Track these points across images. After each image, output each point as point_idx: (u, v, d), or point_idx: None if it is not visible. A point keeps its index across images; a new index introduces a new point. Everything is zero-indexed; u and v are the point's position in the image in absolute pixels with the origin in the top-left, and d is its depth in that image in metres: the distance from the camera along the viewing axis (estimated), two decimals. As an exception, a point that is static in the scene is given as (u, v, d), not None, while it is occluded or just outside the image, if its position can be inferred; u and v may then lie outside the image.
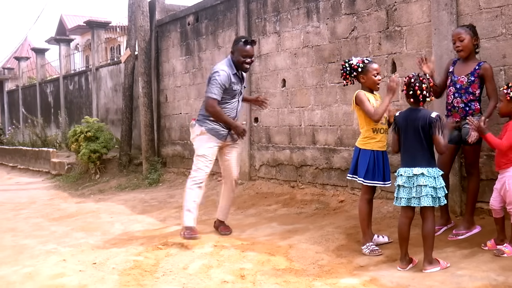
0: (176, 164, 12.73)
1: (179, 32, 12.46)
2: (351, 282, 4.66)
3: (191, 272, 5.19)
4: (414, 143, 4.85)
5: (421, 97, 4.81)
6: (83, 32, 34.64)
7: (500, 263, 4.75)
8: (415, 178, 4.79)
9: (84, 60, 28.99)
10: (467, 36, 5.55)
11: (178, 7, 13.51)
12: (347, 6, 7.82)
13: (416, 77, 4.86)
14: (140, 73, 13.11)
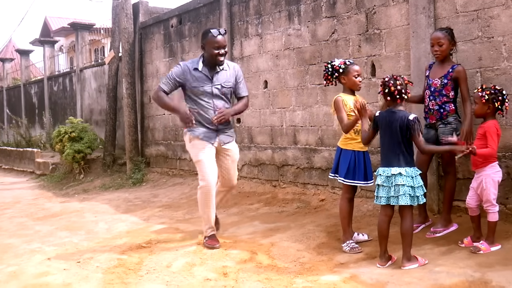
0: (159, 164, 12.69)
1: (162, 34, 12.42)
2: (332, 279, 4.66)
3: (175, 270, 5.17)
4: (392, 144, 4.88)
5: (396, 93, 4.83)
6: (68, 34, 34.40)
7: (477, 260, 4.79)
8: (393, 177, 4.81)
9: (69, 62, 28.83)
10: (446, 41, 5.59)
11: (162, 9, 13.46)
12: (328, 9, 7.84)
13: (390, 76, 4.90)
14: (124, 75, 13.06)
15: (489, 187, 5.03)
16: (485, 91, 5.05)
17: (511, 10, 5.60)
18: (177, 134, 11.91)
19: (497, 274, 4.39)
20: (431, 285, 4.33)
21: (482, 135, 5.07)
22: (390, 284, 4.46)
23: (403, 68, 6.72)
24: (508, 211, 5.68)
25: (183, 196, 9.81)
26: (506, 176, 5.64)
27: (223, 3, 10.02)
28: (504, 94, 5.05)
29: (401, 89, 4.83)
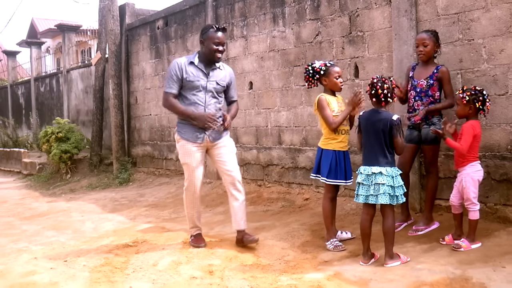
0: (146, 164, 12.65)
1: (148, 36, 12.38)
2: (316, 277, 4.66)
3: (161, 268, 5.15)
4: (375, 143, 4.89)
5: (382, 96, 4.84)
6: (54, 35, 34.15)
7: (458, 257, 4.81)
8: (373, 176, 4.83)
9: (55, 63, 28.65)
10: (430, 42, 5.63)
11: (148, 11, 13.43)
12: (312, 11, 7.86)
13: (379, 78, 4.90)
14: (110, 76, 13.01)
15: (469, 185, 5.06)
16: (466, 93, 5.08)
17: (491, 13, 5.64)
18: (163, 135, 11.89)
19: (478, 271, 4.42)
20: (413, 282, 4.34)
21: (461, 134, 5.11)
22: (373, 281, 4.47)
23: (386, 70, 6.75)
24: (488, 209, 5.72)
25: (169, 195, 9.79)
26: (487, 176, 5.67)
27: (208, 6, 10.01)
28: (484, 94, 5.08)
29: (388, 93, 4.84)
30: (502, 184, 5.64)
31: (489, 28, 5.68)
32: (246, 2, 9.16)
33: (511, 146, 5.55)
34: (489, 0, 5.65)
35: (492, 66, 5.67)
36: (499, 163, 5.64)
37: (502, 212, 5.64)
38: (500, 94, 5.60)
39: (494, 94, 5.61)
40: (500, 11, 5.57)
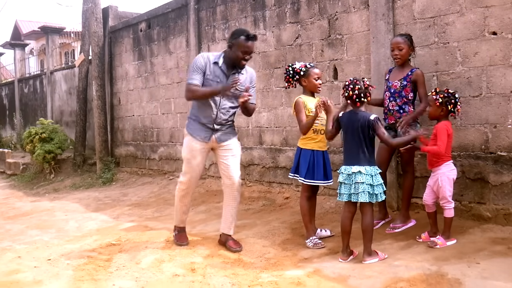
0: (129, 164, 12.59)
1: (131, 38, 12.33)
2: (296, 274, 4.67)
3: (144, 266, 5.12)
4: (354, 143, 4.90)
5: (355, 97, 4.87)
6: (38, 37, 33.80)
7: (434, 254, 4.84)
8: (353, 175, 4.84)
9: (39, 64, 28.34)
10: (405, 46, 5.65)
11: (131, 14, 13.39)
12: (292, 15, 7.87)
13: (351, 80, 4.93)
14: (94, 77, 12.94)
15: (445, 184, 5.09)
16: (439, 94, 5.11)
17: (465, 17, 5.68)
18: (146, 135, 11.85)
19: (453, 267, 4.45)
20: (390, 278, 4.36)
21: (435, 135, 5.14)
22: (351, 277, 4.48)
23: (364, 72, 6.77)
24: (463, 207, 5.76)
25: (152, 195, 9.76)
26: (461, 175, 5.72)
27: (191, 9, 9.99)
28: (456, 97, 5.12)
29: (360, 93, 4.85)
30: (476, 183, 5.69)
31: (464, 32, 5.72)
32: (228, 6, 9.16)
33: (485, 146, 5.60)
34: (463, 5, 5.70)
35: (466, 68, 5.72)
36: (473, 162, 5.69)
37: (476, 210, 5.69)
38: (474, 95, 5.65)
39: (469, 95, 5.66)
40: (474, 15, 5.62)
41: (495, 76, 5.48)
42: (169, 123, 11.05)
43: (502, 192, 5.47)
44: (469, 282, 4.11)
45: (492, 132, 5.54)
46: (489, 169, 5.56)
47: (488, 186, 5.58)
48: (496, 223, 5.47)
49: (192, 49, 9.98)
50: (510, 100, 5.37)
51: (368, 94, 4.93)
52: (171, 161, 11.03)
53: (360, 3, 6.83)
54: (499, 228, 5.34)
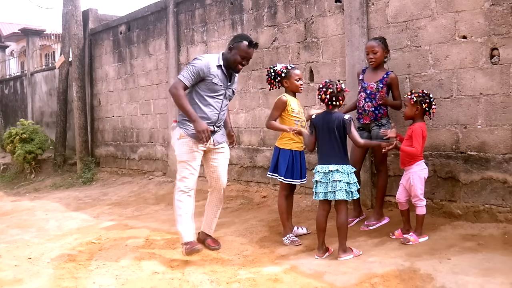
0: (109, 164, 12.51)
1: (111, 40, 12.24)
2: (273, 270, 4.67)
3: (124, 264, 5.09)
4: (329, 143, 4.92)
5: (327, 100, 4.90)
6: (19, 39, 33.43)
7: (406, 250, 4.88)
8: (330, 174, 4.85)
9: (19, 66, 28.03)
10: (379, 49, 5.69)
11: (111, 17, 13.30)
12: (269, 18, 7.87)
13: (325, 83, 4.96)
14: (74, 78, 12.83)
15: (416, 183, 5.14)
16: (414, 94, 5.16)
17: (436, 22, 5.74)
18: (126, 135, 11.78)
19: (425, 263, 4.48)
20: (365, 274, 4.38)
21: (409, 136, 5.18)
22: (327, 274, 4.49)
23: (339, 74, 6.80)
24: (435, 205, 5.82)
25: (132, 194, 9.69)
26: (433, 173, 5.77)
27: (170, 12, 9.96)
28: (431, 98, 5.17)
29: (332, 97, 4.88)
30: (447, 182, 5.74)
31: (435, 36, 5.77)
32: (206, 9, 9.14)
33: (455, 146, 5.66)
34: (435, 9, 5.75)
35: (438, 71, 5.77)
36: (444, 161, 5.74)
37: (447, 207, 5.74)
38: (445, 97, 5.70)
39: (440, 97, 5.71)
40: (445, 20, 5.67)
41: (465, 79, 5.54)
42: (148, 123, 10.99)
43: (472, 190, 5.53)
44: (440, 277, 4.14)
45: (462, 132, 5.59)
46: (460, 168, 5.62)
47: (458, 185, 5.64)
48: (466, 220, 5.53)
49: (171, 51, 9.95)
50: (479, 101, 5.43)
51: (340, 98, 4.94)
52: (151, 161, 10.98)
53: (335, 7, 6.86)
54: (469, 225, 5.40)
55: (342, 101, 4.97)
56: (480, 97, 5.42)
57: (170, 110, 9.95)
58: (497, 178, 5.34)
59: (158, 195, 9.22)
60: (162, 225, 6.83)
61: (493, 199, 5.37)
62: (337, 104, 4.93)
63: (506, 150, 5.26)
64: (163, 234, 6.24)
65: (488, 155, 5.40)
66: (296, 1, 7.42)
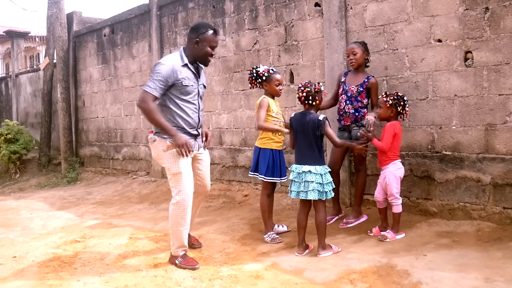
0: (93, 164, 12.42)
1: (95, 43, 12.16)
2: (255, 267, 4.66)
3: (108, 262, 5.04)
4: (304, 143, 4.92)
5: (303, 99, 4.91)
6: (3, 41, 32.97)
7: (384, 247, 4.90)
8: (303, 174, 4.85)
9: (4, 67, 27.67)
10: (359, 50, 5.70)
11: (95, 19, 13.21)
12: (250, 22, 7.87)
13: (305, 83, 4.96)
14: (58, 80, 12.73)
15: (392, 182, 5.16)
16: (389, 97, 5.19)
17: (413, 26, 5.77)
18: (110, 136, 11.70)
19: (402, 259, 4.50)
20: (343, 270, 4.38)
21: (383, 134, 5.22)
22: (307, 270, 4.49)
23: (319, 76, 6.82)
24: (411, 203, 5.85)
25: (116, 193, 9.63)
26: (409, 173, 5.81)
27: (153, 15, 9.91)
28: (405, 100, 5.21)
29: (308, 96, 4.88)
30: (423, 180, 5.78)
31: (411, 39, 5.81)
32: (189, 12, 9.11)
33: (431, 146, 5.70)
34: (411, 14, 5.78)
35: (414, 73, 5.80)
36: (420, 161, 5.78)
37: (423, 205, 5.78)
38: (421, 99, 5.74)
39: (416, 99, 5.75)
40: (421, 24, 5.71)
41: (440, 81, 5.58)
42: (132, 124, 10.93)
43: (447, 188, 5.57)
44: (416, 273, 4.16)
45: (437, 133, 5.63)
46: (435, 167, 5.66)
47: (434, 183, 5.68)
48: (441, 217, 5.57)
49: (155, 53, 9.90)
50: (454, 103, 5.47)
51: (317, 98, 4.92)
52: (134, 161, 10.92)
53: (315, 11, 6.87)
54: (444, 222, 5.44)
55: (319, 102, 4.95)
56: (455, 99, 5.47)
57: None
58: (471, 177, 5.38)
59: (142, 194, 9.17)
60: (145, 223, 6.79)
61: (467, 197, 5.41)
62: (313, 104, 4.92)
63: (480, 149, 5.31)
64: (147, 233, 6.20)
65: (463, 155, 5.44)
66: (277, 5, 7.43)
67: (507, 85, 5.06)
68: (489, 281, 3.88)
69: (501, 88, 5.11)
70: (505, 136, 5.12)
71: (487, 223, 5.22)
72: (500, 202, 5.17)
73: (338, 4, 6.44)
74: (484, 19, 5.20)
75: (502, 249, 4.55)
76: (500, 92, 5.12)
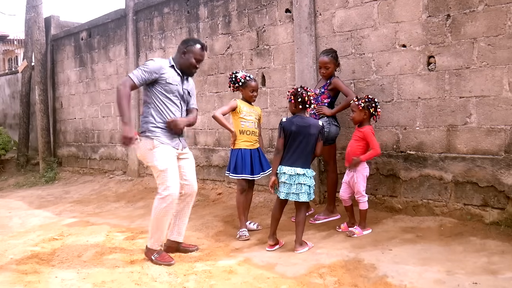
0: (71, 164, 12.26)
1: (73, 46, 12.01)
2: (228, 263, 4.64)
3: (85, 259, 4.97)
4: (303, 146, 4.85)
5: (308, 103, 4.90)
6: (-18, 44, 32.56)
7: (352, 242, 4.92)
8: (296, 176, 4.80)
9: (-17, 70, 27.25)
10: (331, 64, 5.73)
11: (73, 23, 13.07)
12: (223, 27, 7.84)
13: (301, 88, 4.95)
14: (36, 82, 12.57)
15: (360, 181, 5.19)
16: (360, 100, 5.22)
17: (378, 31, 5.81)
18: (87, 136, 11.57)
19: (368, 253, 4.53)
20: (313, 265, 4.39)
21: (360, 138, 5.22)
22: (278, 265, 4.49)
23: (289, 79, 6.83)
24: (377, 200, 5.89)
25: (93, 192, 9.52)
26: (376, 171, 5.85)
27: (129, 20, 9.83)
28: (376, 101, 5.24)
29: (312, 100, 4.93)
30: (389, 178, 5.82)
31: (377, 44, 5.85)
32: (164, 17, 9.05)
33: (396, 146, 5.74)
34: (377, 20, 5.83)
35: (380, 77, 5.84)
36: (386, 160, 5.82)
37: (389, 202, 5.82)
38: (387, 101, 5.78)
39: (382, 101, 5.79)
40: (386, 30, 5.75)
41: (404, 84, 5.62)
42: (109, 125, 10.81)
43: (411, 186, 5.62)
44: (382, 266, 4.18)
45: (402, 133, 5.68)
46: (400, 166, 5.70)
47: (399, 181, 5.72)
48: (406, 214, 5.62)
49: (131, 57, 9.82)
50: (418, 105, 5.52)
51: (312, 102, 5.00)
52: (111, 160, 10.81)
53: (286, 17, 6.88)
54: (409, 218, 5.48)
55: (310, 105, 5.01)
56: (418, 101, 5.52)
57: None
58: (433, 175, 5.44)
59: (119, 193, 9.08)
60: (122, 221, 6.73)
61: (430, 194, 5.47)
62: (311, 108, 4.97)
63: (442, 149, 5.37)
64: (123, 230, 6.14)
65: (426, 154, 5.50)
66: (249, 11, 7.42)
67: (467, 88, 5.13)
68: (450, 273, 3.92)
69: (461, 91, 5.18)
70: (465, 137, 5.19)
71: (449, 218, 5.28)
72: (461, 199, 5.24)
73: (308, 10, 6.46)
74: (446, 25, 5.26)
75: (463, 243, 4.61)
76: (461, 94, 5.18)
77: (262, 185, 7.04)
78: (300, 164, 4.83)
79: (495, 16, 4.92)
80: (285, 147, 4.92)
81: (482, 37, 5.00)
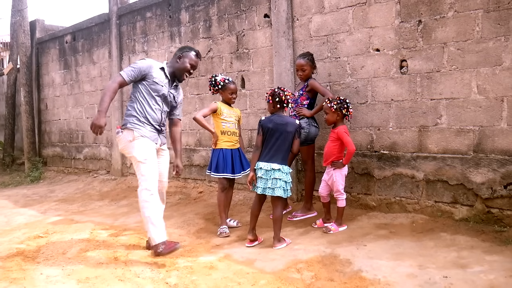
0: (56, 163, 12.12)
1: (58, 49, 11.87)
2: (209, 259, 4.61)
3: (70, 256, 4.90)
4: (278, 144, 4.84)
5: (286, 102, 4.89)
6: (-32, 47, 32.05)
7: (328, 238, 4.93)
8: (272, 172, 4.80)
9: (-31, 72, 26.84)
10: (308, 67, 5.74)
11: (57, 27, 12.92)
12: (204, 31, 7.81)
13: (278, 88, 4.94)
14: (22, 84, 12.40)
15: (338, 179, 5.20)
16: (332, 102, 5.22)
17: (353, 36, 5.83)
18: (72, 137, 11.44)
19: (344, 249, 4.54)
20: (291, 260, 4.38)
21: (335, 139, 5.23)
22: (258, 261, 4.47)
23: (268, 82, 6.82)
24: (352, 198, 5.90)
25: (78, 191, 9.41)
26: (351, 170, 5.86)
27: (113, 23, 9.75)
28: (348, 102, 5.25)
29: (289, 99, 4.93)
30: (363, 177, 5.84)
31: (352, 48, 5.86)
32: (147, 22, 8.98)
33: (370, 146, 5.76)
34: (352, 25, 5.84)
35: (355, 79, 5.86)
36: (361, 159, 5.84)
37: (363, 200, 5.84)
38: (361, 103, 5.80)
39: (357, 103, 5.81)
40: (361, 34, 5.77)
41: (378, 87, 5.65)
42: (93, 126, 10.69)
43: (384, 184, 5.65)
44: (357, 261, 4.19)
45: (376, 134, 5.70)
46: (374, 165, 5.73)
47: (373, 180, 5.75)
48: (380, 211, 5.65)
49: (114, 59, 9.73)
50: (390, 107, 5.55)
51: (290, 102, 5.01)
52: (95, 160, 10.70)
53: (264, 22, 6.87)
54: (382, 215, 5.51)
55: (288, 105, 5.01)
56: (392, 103, 5.54)
57: (113, 113, 9.72)
58: (406, 174, 5.47)
59: (102, 192, 8.99)
60: (106, 219, 6.65)
61: (402, 192, 5.50)
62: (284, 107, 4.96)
63: (414, 149, 5.40)
64: (107, 228, 6.07)
65: (399, 154, 5.53)
66: (229, 16, 7.39)
67: (438, 90, 5.17)
68: (422, 267, 3.94)
69: (432, 93, 5.21)
70: (436, 137, 5.22)
71: (420, 215, 5.32)
72: (432, 196, 5.27)
73: (286, 15, 6.45)
74: (417, 30, 5.29)
75: (434, 239, 4.64)
76: (432, 97, 5.22)
77: (242, 183, 7.02)
78: (277, 160, 4.82)
79: (464, 22, 4.96)
80: (263, 144, 4.92)
81: (452, 42, 5.04)
